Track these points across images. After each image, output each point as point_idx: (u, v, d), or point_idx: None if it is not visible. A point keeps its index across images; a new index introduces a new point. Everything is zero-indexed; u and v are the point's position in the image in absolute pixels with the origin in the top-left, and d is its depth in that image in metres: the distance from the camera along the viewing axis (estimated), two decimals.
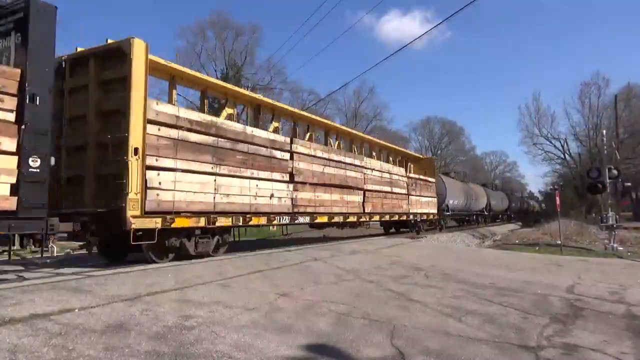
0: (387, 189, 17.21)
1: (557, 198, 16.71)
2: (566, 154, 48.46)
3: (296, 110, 14.40)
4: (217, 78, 40.12)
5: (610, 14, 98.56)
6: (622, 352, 3.92)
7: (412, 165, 22.51)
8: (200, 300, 5.12)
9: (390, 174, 17.74)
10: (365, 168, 15.59)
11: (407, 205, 19.01)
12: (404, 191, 18.88)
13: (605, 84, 44.78)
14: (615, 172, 15.54)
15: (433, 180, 22.77)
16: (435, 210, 22.46)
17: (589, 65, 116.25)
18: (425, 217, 21.39)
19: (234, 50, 40.80)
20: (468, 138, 77.65)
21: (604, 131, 22.71)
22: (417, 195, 20.30)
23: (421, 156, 26.54)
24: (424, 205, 21.19)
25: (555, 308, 5.56)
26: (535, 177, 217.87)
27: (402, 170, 19.44)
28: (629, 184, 26.15)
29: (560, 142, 48.19)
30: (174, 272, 6.80)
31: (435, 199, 22.68)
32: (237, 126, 9.95)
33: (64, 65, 8.12)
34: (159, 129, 7.74)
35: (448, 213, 26.09)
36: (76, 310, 4.38)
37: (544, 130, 48.79)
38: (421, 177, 21.43)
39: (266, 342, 3.78)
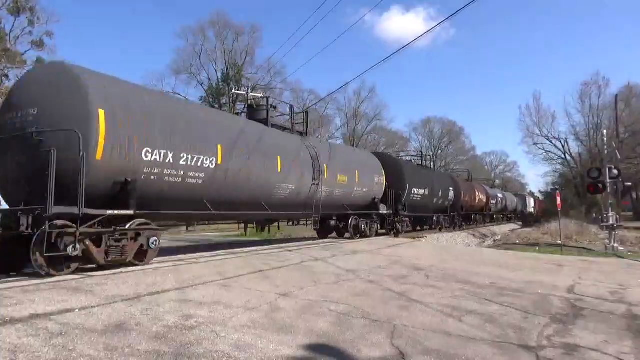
0: None
1: (558, 198, 16.73)
2: (567, 154, 48.33)
3: None
4: (217, 78, 40.20)
5: (611, 13, 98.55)
6: (622, 352, 3.91)
7: None
8: (201, 300, 5.12)
9: None
10: None
11: None
12: None
13: (605, 83, 44.66)
14: (615, 171, 15.52)
15: None
16: None
17: (589, 64, 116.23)
18: None
19: (234, 50, 40.76)
20: (468, 138, 77.59)
21: (605, 131, 22.63)
22: None
23: None
24: None
25: (556, 308, 5.56)
26: (535, 177, 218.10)
27: None
28: (630, 183, 26.10)
29: (560, 142, 48.06)
30: (174, 272, 6.80)
31: None
32: None
33: None
34: None
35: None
36: (76, 310, 4.38)
37: (545, 130, 48.63)
38: None
39: (266, 342, 3.78)
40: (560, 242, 15.43)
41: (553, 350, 3.90)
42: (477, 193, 30.64)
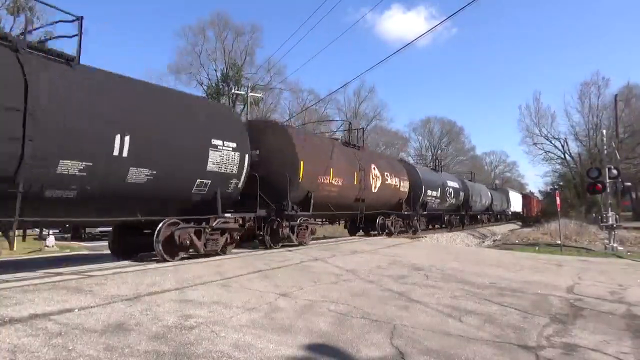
0: None
1: (558, 198, 16.76)
2: (566, 154, 48.31)
3: None
4: (217, 78, 40.21)
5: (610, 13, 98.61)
6: (622, 352, 3.92)
7: None
8: (200, 300, 5.12)
9: None
10: None
11: None
12: None
13: (605, 83, 44.63)
14: (615, 171, 15.55)
15: None
16: None
17: (589, 65, 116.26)
18: None
19: (234, 50, 40.91)
20: (468, 138, 77.77)
21: (604, 131, 22.65)
22: None
23: None
24: None
25: (555, 308, 5.56)
26: (535, 177, 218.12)
27: None
28: (629, 183, 26.14)
29: (560, 142, 48.05)
30: (173, 272, 6.80)
31: None
32: None
33: None
34: None
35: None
36: (76, 310, 4.38)
37: (544, 130, 48.65)
38: None
39: (266, 342, 3.78)
40: (559, 242, 15.45)
41: (552, 350, 3.90)
42: (377, 173, 15.21)
